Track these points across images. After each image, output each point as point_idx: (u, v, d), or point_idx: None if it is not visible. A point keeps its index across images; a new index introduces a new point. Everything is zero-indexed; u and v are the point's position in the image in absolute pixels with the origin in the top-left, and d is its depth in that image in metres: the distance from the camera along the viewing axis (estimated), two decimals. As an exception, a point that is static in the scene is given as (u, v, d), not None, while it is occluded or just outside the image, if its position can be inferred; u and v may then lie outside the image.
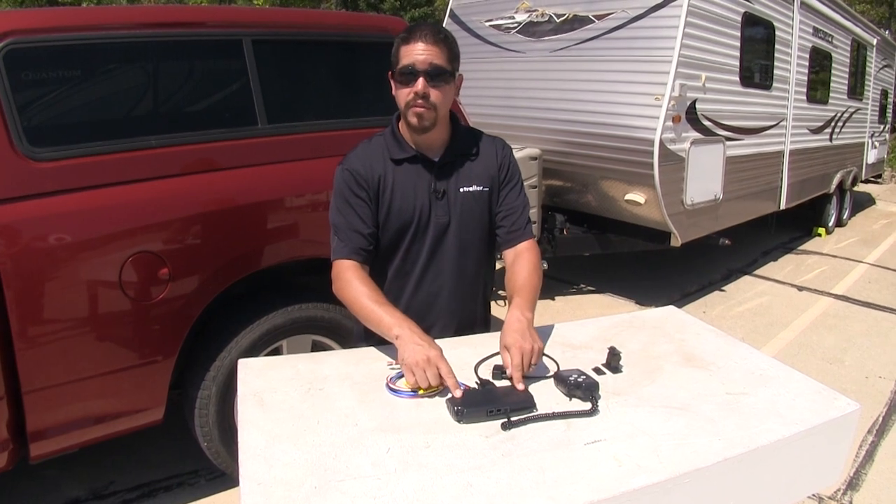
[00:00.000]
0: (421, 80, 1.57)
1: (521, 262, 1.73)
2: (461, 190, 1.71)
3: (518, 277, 1.69)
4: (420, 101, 1.58)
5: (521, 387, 1.37)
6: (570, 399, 1.37)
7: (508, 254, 1.78)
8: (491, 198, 1.76)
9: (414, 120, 1.62)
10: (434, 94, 1.59)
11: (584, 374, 1.41)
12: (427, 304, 1.74)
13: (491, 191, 1.75)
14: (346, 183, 1.67)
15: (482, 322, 1.88)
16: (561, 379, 1.41)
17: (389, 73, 1.65)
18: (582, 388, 1.36)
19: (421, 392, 1.38)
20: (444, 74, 1.59)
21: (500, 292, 1.92)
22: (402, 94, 1.61)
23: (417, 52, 1.56)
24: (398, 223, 1.69)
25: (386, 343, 1.60)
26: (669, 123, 4.50)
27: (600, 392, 1.38)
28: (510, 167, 1.79)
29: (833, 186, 7.95)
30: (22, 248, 2.06)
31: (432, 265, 1.73)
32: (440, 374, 1.37)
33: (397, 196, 1.68)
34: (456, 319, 1.78)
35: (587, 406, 1.32)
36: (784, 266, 6.72)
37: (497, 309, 2.35)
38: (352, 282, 1.62)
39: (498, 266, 1.90)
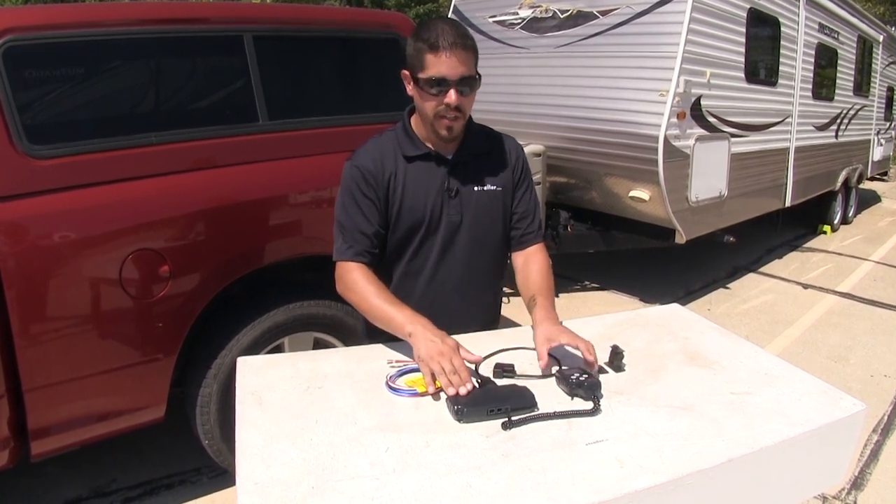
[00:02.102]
0: (454, 93, 1.52)
1: (534, 265, 1.73)
2: (475, 189, 1.69)
3: (537, 279, 1.69)
4: (452, 114, 1.55)
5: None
6: (572, 398, 1.35)
7: (518, 256, 1.78)
8: (504, 198, 1.74)
9: (445, 133, 1.59)
10: (464, 102, 1.56)
11: (586, 372, 1.40)
12: (437, 304, 1.70)
13: (505, 191, 1.74)
14: (355, 180, 1.63)
15: (493, 322, 1.86)
16: (563, 377, 1.39)
17: (406, 72, 1.59)
18: (584, 387, 1.34)
19: (421, 391, 1.37)
20: (473, 81, 1.56)
21: (505, 290, 1.89)
22: (430, 104, 1.56)
23: (450, 64, 1.50)
24: (409, 221, 1.66)
25: (390, 341, 1.59)
26: (674, 120, 4.48)
27: (602, 391, 1.36)
28: (524, 168, 1.78)
29: (838, 184, 7.90)
30: (22, 246, 2.06)
31: (443, 265, 1.71)
32: (454, 367, 1.34)
33: (408, 194, 1.65)
34: (467, 319, 1.74)
35: (589, 405, 1.31)
36: (789, 264, 6.69)
37: (504, 308, 2.32)
38: (358, 282, 1.60)
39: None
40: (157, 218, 2.29)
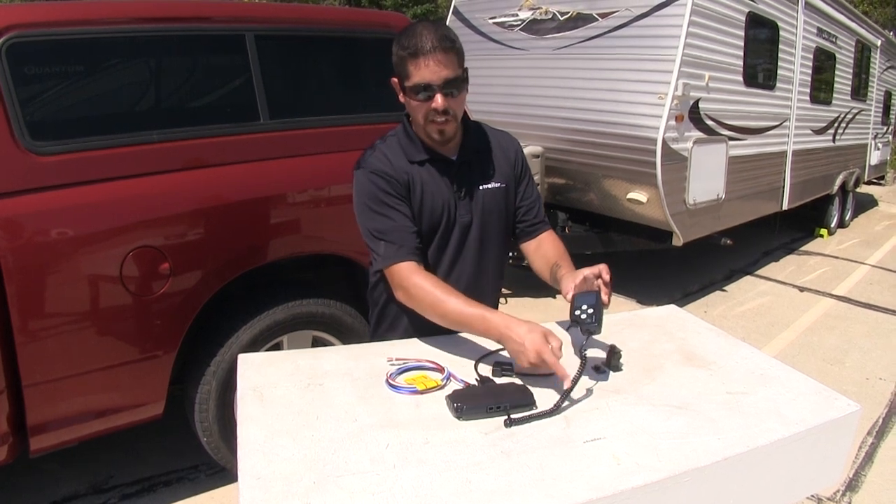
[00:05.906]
0: (440, 97, 1.51)
1: (548, 243, 1.79)
2: (481, 188, 1.70)
3: (554, 253, 1.75)
4: (441, 117, 1.54)
5: (605, 299, 1.48)
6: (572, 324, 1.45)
7: (530, 244, 1.81)
8: (508, 193, 1.76)
9: (437, 136, 1.59)
10: (453, 104, 1.55)
11: (593, 307, 1.44)
12: None
13: (508, 187, 1.75)
14: (379, 186, 1.59)
15: None
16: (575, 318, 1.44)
17: (395, 80, 1.59)
18: (583, 323, 1.41)
19: (421, 389, 1.38)
20: (459, 82, 1.55)
21: (504, 290, 1.90)
22: (419, 109, 1.55)
23: (432, 69, 1.49)
24: (429, 224, 1.66)
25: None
26: (672, 122, 4.49)
27: (599, 390, 1.38)
28: (523, 162, 1.81)
29: (836, 187, 7.93)
30: (23, 242, 2.06)
31: (456, 264, 1.72)
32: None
33: (427, 196, 1.64)
34: None
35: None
36: (786, 266, 6.71)
37: (503, 308, 2.33)
38: (423, 286, 1.54)
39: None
40: (157, 215, 2.29)
